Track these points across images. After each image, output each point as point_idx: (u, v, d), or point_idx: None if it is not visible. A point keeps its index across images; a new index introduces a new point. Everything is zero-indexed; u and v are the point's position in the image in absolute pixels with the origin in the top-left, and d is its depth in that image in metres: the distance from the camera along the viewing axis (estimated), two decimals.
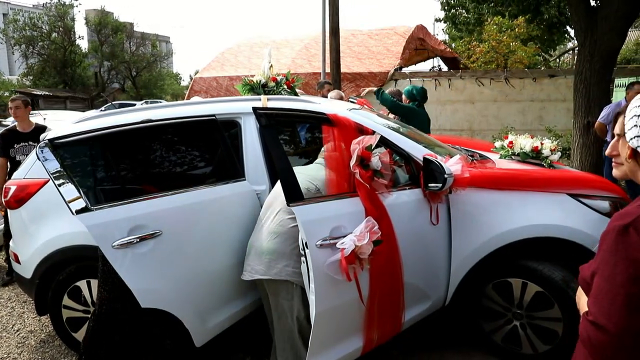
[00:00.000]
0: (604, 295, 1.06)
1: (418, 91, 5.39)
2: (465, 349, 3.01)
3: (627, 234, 1.03)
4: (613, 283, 1.04)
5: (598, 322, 1.05)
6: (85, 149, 2.85)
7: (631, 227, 1.03)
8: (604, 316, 1.05)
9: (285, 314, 2.41)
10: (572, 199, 2.77)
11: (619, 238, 1.04)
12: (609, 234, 1.07)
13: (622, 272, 1.02)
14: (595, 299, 1.09)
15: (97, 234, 2.23)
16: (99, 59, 33.95)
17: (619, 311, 1.02)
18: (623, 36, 5.62)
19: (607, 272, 1.06)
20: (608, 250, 1.07)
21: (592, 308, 1.08)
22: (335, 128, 2.46)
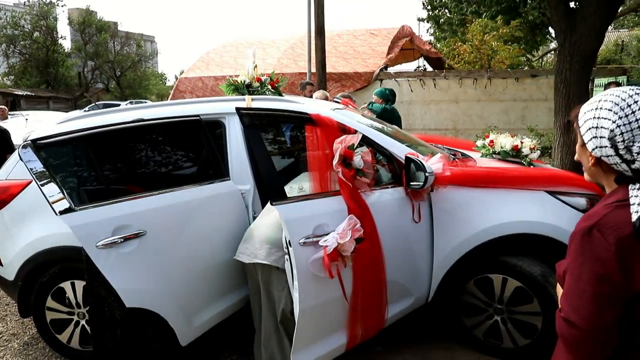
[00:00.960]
0: (573, 293, 1.12)
1: (390, 91, 5.75)
2: (447, 344, 3.07)
3: (592, 235, 1.08)
4: (580, 281, 1.09)
5: (569, 318, 1.11)
6: (69, 150, 2.84)
7: (595, 229, 1.07)
8: (574, 313, 1.10)
9: (274, 304, 2.45)
10: (550, 196, 2.84)
11: (584, 239, 1.09)
12: (576, 235, 1.12)
13: (588, 271, 1.08)
14: (566, 297, 1.14)
15: (80, 234, 2.23)
16: (83, 59, 33.55)
17: (587, 308, 1.08)
18: (601, 37, 5.74)
19: (575, 271, 1.11)
20: (575, 251, 1.12)
21: (564, 305, 1.14)
22: (318, 128, 2.49)
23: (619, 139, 1.08)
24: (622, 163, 1.10)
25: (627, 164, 1.09)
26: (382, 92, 5.73)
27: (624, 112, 1.08)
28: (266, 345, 2.52)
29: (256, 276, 2.54)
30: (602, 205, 1.13)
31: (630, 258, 1.04)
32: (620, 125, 1.07)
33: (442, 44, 16.54)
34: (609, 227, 1.07)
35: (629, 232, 1.04)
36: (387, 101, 5.59)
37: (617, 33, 27.15)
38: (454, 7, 9.46)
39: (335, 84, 10.91)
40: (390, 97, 5.66)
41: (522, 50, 13.81)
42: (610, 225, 1.07)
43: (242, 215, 2.77)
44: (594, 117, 1.13)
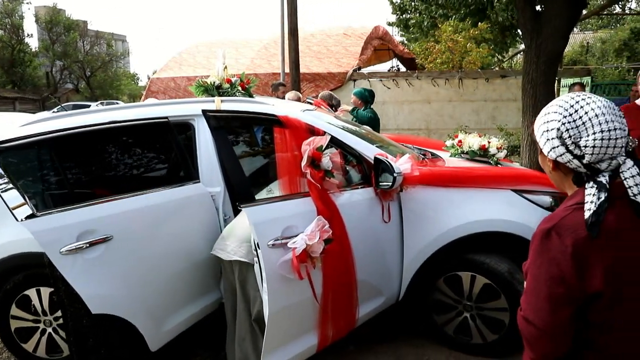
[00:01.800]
0: (531, 293, 1.16)
1: (370, 92, 5.71)
2: (419, 341, 3.11)
3: (550, 237, 1.12)
4: (538, 282, 1.13)
5: (528, 317, 1.15)
6: (32, 153, 2.76)
7: (553, 231, 1.12)
8: (532, 312, 1.15)
9: (249, 303, 2.44)
10: (516, 195, 2.92)
11: (542, 241, 1.13)
12: (535, 237, 1.16)
13: (545, 272, 1.12)
14: (525, 296, 1.18)
15: (43, 240, 2.18)
16: (51, 58, 32.62)
17: (544, 308, 1.12)
18: (566, 39, 5.91)
19: (533, 271, 1.15)
20: (534, 252, 1.16)
21: (523, 304, 1.18)
22: (286, 129, 2.49)
23: (566, 135, 1.14)
24: (574, 159, 1.15)
25: (578, 159, 1.14)
26: (361, 94, 5.63)
27: (568, 111, 1.15)
28: (240, 344, 2.51)
29: (232, 274, 2.53)
30: (562, 207, 1.17)
31: (586, 260, 1.08)
32: (566, 123, 1.14)
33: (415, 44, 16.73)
34: (566, 229, 1.11)
35: (585, 234, 1.08)
36: (366, 103, 5.54)
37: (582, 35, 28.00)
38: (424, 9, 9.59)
39: (309, 84, 10.92)
40: (369, 99, 5.58)
41: (492, 51, 14.10)
42: (567, 227, 1.11)
43: (213, 218, 2.75)
44: (544, 122, 1.20)
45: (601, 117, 1.11)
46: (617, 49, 23.51)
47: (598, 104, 1.13)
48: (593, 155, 1.12)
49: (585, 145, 1.12)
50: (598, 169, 1.13)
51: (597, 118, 1.11)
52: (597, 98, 1.15)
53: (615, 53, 23.54)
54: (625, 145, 1.12)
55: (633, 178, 1.10)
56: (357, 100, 5.60)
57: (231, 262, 2.47)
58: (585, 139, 1.12)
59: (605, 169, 1.13)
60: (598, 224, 1.07)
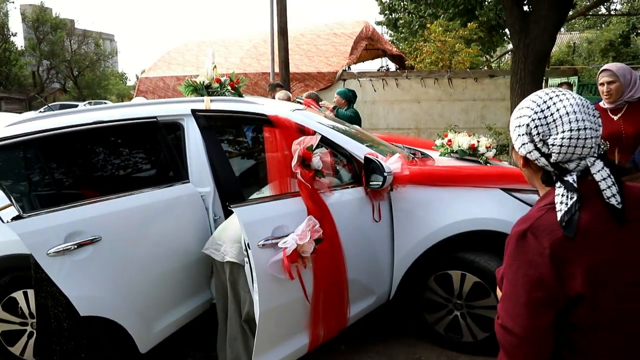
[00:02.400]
0: (508, 299, 1.10)
1: (353, 93, 5.88)
2: (410, 340, 3.12)
3: (526, 239, 1.07)
4: (516, 286, 1.08)
5: (506, 324, 1.10)
6: (19, 154, 2.72)
7: (529, 232, 1.07)
8: (510, 318, 1.09)
9: (240, 304, 2.44)
10: (505, 193, 2.93)
11: (518, 243, 1.09)
12: (511, 239, 1.11)
13: (522, 275, 1.07)
14: (502, 303, 1.13)
15: (30, 242, 2.15)
16: (37, 58, 32.21)
17: (523, 314, 1.07)
18: (553, 39, 5.97)
19: (510, 276, 1.10)
20: (510, 255, 1.11)
21: (501, 312, 1.12)
22: (276, 129, 2.49)
23: (535, 132, 1.11)
24: (542, 157, 1.12)
25: (546, 157, 1.11)
26: (344, 93, 5.76)
27: (539, 107, 1.12)
28: (232, 345, 2.50)
29: (224, 274, 2.52)
30: (535, 208, 1.13)
31: (564, 262, 1.04)
32: (536, 119, 1.11)
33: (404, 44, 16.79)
34: (542, 230, 1.06)
35: (562, 234, 1.05)
36: (349, 102, 5.66)
37: (569, 35, 28.32)
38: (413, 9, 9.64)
39: (299, 84, 10.91)
40: (352, 99, 5.73)
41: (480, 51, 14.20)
42: (543, 228, 1.07)
43: (203, 218, 2.73)
44: (517, 117, 1.17)
45: (572, 116, 1.08)
46: (603, 49, 23.83)
47: (571, 102, 1.09)
48: (560, 155, 1.09)
49: (552, 144, 1.09)
50: (566, 168, 1.10)
51: (568, 116, 1.08)
52: (571, 95, 1.12)
53: (602, 53, 23.86)
54: (596, 146, 1.09)
55: (605, 181, 1.07)
56: (340, 100, 5.71)
57: (223, 262, 2.46)
58: (554, 138, 1.09)
59: (574, 169, 1.10)
60: (573, 224, 1.04)
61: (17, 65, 31.77)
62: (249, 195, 2.74)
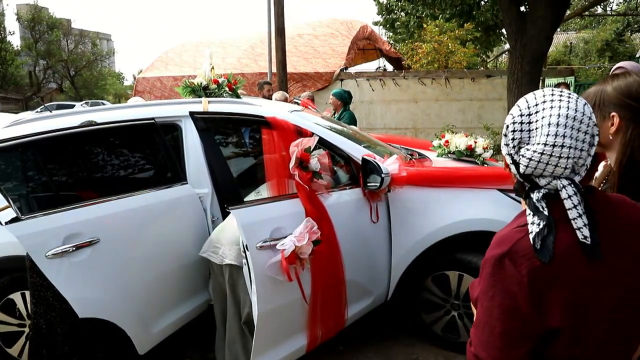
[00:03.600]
0: (482, 328, 1.02)
1: (348, 93, 5.86)
2: (408, 340, 3.13)
3: (502, 265, 0.98)
4: (490, 316, 1.00)
5: (478, 354, 1.02)
6: (17, 155, 2.72)
7: (506, 258, 0.97)
8: (483, 349, 1.01)
9: (240, 306, 2.44)
10: (502, 194, 2.95)
11: (494, 269, 0.99)
12: (486, 263, 1.01)
13: (498, 305, 0.98)
14: (475, 330, 1.05)
15: (28, 244, 2.15)
16: (34, 58, 32.09)
17: (496, 345, 0.99)
18: (549, 39, 6.00)
19: (485, 303, 1.01)
20: (485, 281, 1.01)
21: (474, 339, 1.05)
22: (274, 131, 2.50)
23: (511, 136, 1.02)
24: (512, 164, 1.03)
25: (516, 166, 1.02)
26: (340, 94, 5.74)
27: (527, 110, 1.01)
28: (230, 346, 2.51)
29: (222, 277, 2.52)
30: (513, 228, 1.02)
31: (544, 291, 0.95)
32: (517, 123, 1.01)
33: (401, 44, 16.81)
34: (520, 255, 0.96)
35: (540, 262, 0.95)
36: (345, 103, 5.65)
37: (565, 35, 28.40)
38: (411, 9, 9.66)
39: (296, 84, 10.91)
40: (348, 100, 5.72)
41: (477, 51, 14.23)
42: (522, 253, 0.96)
43: (201, 220, 2.74)
44: (509, 113, 1.06)
45: (553, 128, 0.95)
46: (600, 49, 23.90)
47: (562, 112, 0.96)
48: (528, 168, 0.98)
49: (522, 155, 0.99)
50: (536, 183, 1.00)
51: (548, 128, 0.96)
52: (568, 103, 0.97)
53: (598, 53, 23.93)
54: (573, 166, 0.97)
55: (574, 209, 0.95)
56: (336, 101, 5.68)
57: (221, 265, 2.47)
58: (526, 148, 0.99)
59: (544, 185, 0.99)
60: (548, 248, 0.94)
61: (14, 65, 31.64)
62: (247, 197, 2.75)
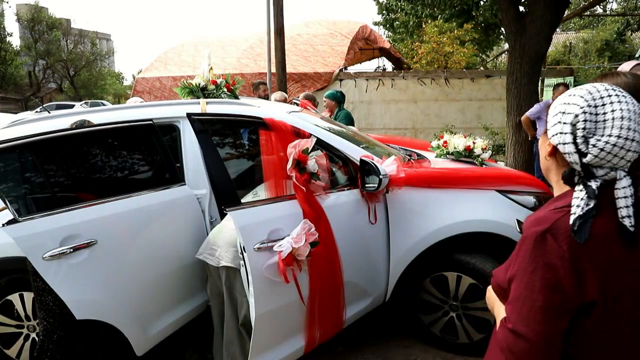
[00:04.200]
0: (522, 302, 1.05)
1: (341, 93, 5.84)
2: (406, 341, 3.13)
3: (545, 240, 1.03)
4: (532, 290, 1.04)
5: (518, 330, 1.05)
6: (14, 157, 2.71)
7: (548, 234, 1.03)
8: (523, 324, 1.04)
9: (237, 308, 2.44)
10: (501, 195, 2.95)
11: (536, 244, 1.04)
12: (526, 240, 1.06)
13: (540, 278, 1.03)
14: (514, 306, 1.07)
15: (25, 246, 2.14)
16: (33, 57, 32.07)
17: (538, 319, 1.03)
18: (548, 40, 5.99)
19: (525, 278, 1.05)
20: (526, 257, 1.06)
21: (511, 315, 1.07)
22: (272, 132, 2.49)
23: (581, 125, 1.04)
24: (575, 153, 1.05)
25: (580, 155, 1.05)
26: (333, 95, 5.71)
27: (594, 101, 1.05)
28: (228, 348, 2.51)
29: (219, 279, 2.52)
30: (551, 209, 1.08)
31: (583, 266, 1.01)
32: (586, 112, 1.04)
33: (400, 44, 16.81)
34: (561, 232, 1.02)
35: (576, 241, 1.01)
36: (339, 103, 5.63)
37: (565, 35, 28.39)
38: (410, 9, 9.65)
39: (295, 84, 10.90)
40: (341, 99, 5.70)
41: (476, 50, 14.22)
42: (562, 230, 1.02)
43: (199, 221, 2.73)
44: (564, 102, 1.09)
45: (625, 122, 1.01)
46: (599, 48, 23.90)
47: (629, 107, 1.02)
48: (596, 158, 1.03)
49: (594, 145, 1.02)
50: (593, 173, 1.05)
51: (621, 121, 1.01)
52: (630, 99, 1.04)
53: (597, 53, 23.93)
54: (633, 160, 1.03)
55: (625, 199, 1.02)
56: (330, 102, 5.65)
57: (218, 267, 2.47)
58: (597, 138, 1.03)
59: (601, 176, 1.04)
60: (585, 230, 1.00)
61: (13, 65, 31.62)
62: (245, 199, 2.74)
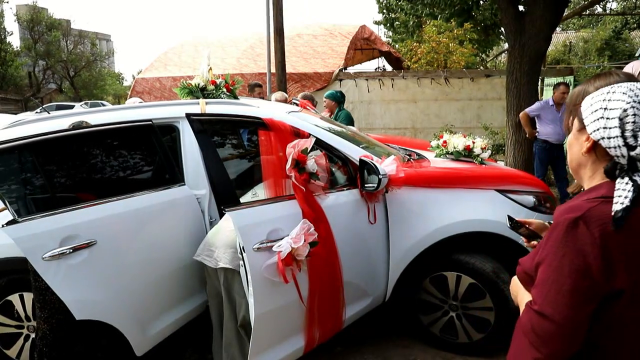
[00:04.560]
0: (550, 285, 1.08)
1: (341, 93, 5.85)
2: (406, 341, 3.13)
3: (577, 226, 1.06)
4: (560, 273, 1.07)
5: (544, 311, 1.08)
6: (14, 157, 2.71)
7: (581, 221, 1.06)
8: (550, 305, 1.07)
9: (235, 309, 2.44)
10: (500, 195, 2.95)
11: (568, 230, 1.07)
12: (558, 226, 1.09)
13: (569, 263, 1.06)
14: (541, 289, 1.10)
15: (25, 246, 2.14)
16: (33, 58, 32.07)
17: (565, 302, 1.05)
18: (548, 39, 5.99)
19: (555, 262, 1.08)
20: (557, 242, 1.08)
21: (538, 298, 1.10)
22: (271, 132, 2.49)
23: (630, 119, 1.06)
24: (623, 147, 1.07)
25: (628, 149, 1.06)
26: (333, 95, 5.71)
27: (637, 97, 1.07)
28: (227, 349, 2.51)
29: (217, 280, 2.52)
30: (584, 199, 1.11)
31: (613, 254, 1.04)
32: (635, 107, 1.06)
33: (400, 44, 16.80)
34: (594, 220, 1.05)
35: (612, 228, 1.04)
36: (339, 104, 5.62)
37: (565, 34, 28.39)
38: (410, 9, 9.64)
39: (295, 84, 10.89)
40: (342, 99, 5.70)
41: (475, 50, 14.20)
42: (596, 219, 1.06)
43: (198, 221, 2.74)
44: (605, 99, 1.10)
45: None
46: (599, 48, 23.89)
47: None
48: None
49: None
50: (637, 166, 1.07)
51: None
52: None
53: (597, 52, 23.92)
54: None
55: None
56: (330, 103, 5.64)
57: (216, 268, 2.47)
58: None
59: None
60: (623, 220, 1.03)
61: (13, 66, 31.62)
62: (244, 198, 2.74)
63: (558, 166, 6.00)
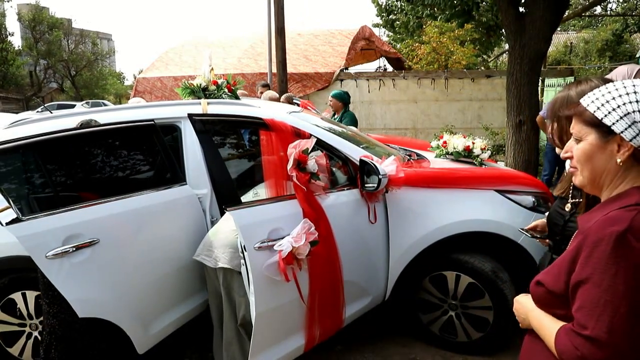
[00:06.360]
0: (603, 308, 0.98)
1: (347, 94, 5.89)
2: (405, 340, 3.15)
3: (625, 240, 0.97)
4: (615, 294, 0.97)
5: (598, 337, 0.97)
6: (17, 157, 2.74)
7: (629, 233, 0.98)
8: (605, 331, 0.97)
9: (235, 309, 2.46)
10: (499, 195, 2.97)
11: (618, 246, 0.98)
12: (602, 241, 1.00)
13: (624, 281, 0.97)
14: (591, 312, 1.00)
15: (28, 245, 2.17)
16: (34, 57, 32.11)
17: (622, 323, 0.96)
18: (548, 40, 6.00)
19: (605, 282, 0.98)
20: (604, 259, 0.99)
21: (588, 322, 0.99)
22: (272, 132, 2.52)
23: None
24: None
25: None
26: (340, 96, 5.72)
27: None
28: (228, 348, 2.53)
29: (216, 280, 2.54)
30: (620, 209, 1.03)
31: None
32: None
33: (401, 45, 16.81)
34: None
35: None
36: (345, 105, 5.64)
37: (566, 35, 28.38)
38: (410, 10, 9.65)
39: (296, 84, 10.91)
40: (348, 101, 5.73)
41: (477, 51, 14.21)
42: None
43: (200, 220, 2.76)
44: (630, 101, 1.03)
45: None
46: (600, 49, 23.89)
47: None
48: None
49: None
50: None
51: None
52: None
53: (598, 53, 23.92)
54: None
55: None
56: (336, 103, 5.64)
57: (216, 268, 2.49)
58: None
59: None
60: None
61: (14, 65, 31.66)
62: (245, 198, 2.77)
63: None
